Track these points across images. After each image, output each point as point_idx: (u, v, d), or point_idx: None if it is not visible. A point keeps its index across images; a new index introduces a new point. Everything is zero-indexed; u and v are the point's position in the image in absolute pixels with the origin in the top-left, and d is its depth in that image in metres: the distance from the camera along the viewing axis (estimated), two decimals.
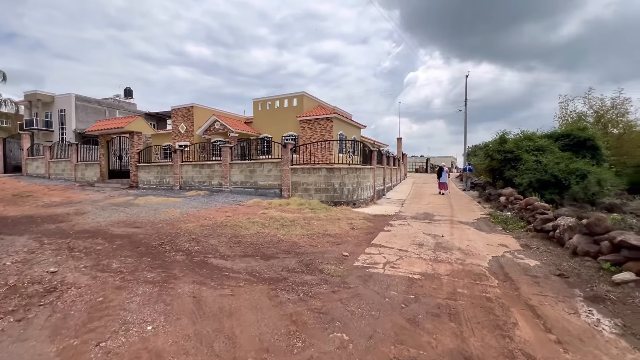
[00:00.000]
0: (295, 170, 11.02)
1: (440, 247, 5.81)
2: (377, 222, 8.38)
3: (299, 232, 6.73)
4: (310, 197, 10.71)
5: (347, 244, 5.97)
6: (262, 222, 7.49)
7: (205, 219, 7.74)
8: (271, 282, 3.95)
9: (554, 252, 5.44)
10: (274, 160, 11.49)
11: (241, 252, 5.22)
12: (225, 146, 12.36)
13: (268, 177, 11.60)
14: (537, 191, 10.88)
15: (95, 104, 33.04)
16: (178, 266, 4.47)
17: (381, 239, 6.44)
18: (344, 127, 22.07)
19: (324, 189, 10.60)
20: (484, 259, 5.13)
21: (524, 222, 7.58)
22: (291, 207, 9.38)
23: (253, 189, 11.87)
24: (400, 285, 3.94)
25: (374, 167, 12.83)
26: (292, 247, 5.64)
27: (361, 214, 9.46)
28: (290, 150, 11.15)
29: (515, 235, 6.79)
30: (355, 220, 8.36)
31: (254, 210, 9.00)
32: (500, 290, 3.82)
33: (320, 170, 10.66)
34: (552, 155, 11.15)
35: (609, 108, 15.67)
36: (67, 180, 17.44)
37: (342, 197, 10.58)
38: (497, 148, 12.85)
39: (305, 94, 21.91)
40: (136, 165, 14.76)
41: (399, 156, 25.02)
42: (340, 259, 5.02)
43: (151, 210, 8.87)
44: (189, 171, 13.38)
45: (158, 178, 14.21)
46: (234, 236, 6.22)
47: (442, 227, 7.80)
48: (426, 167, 44.23)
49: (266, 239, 6.12)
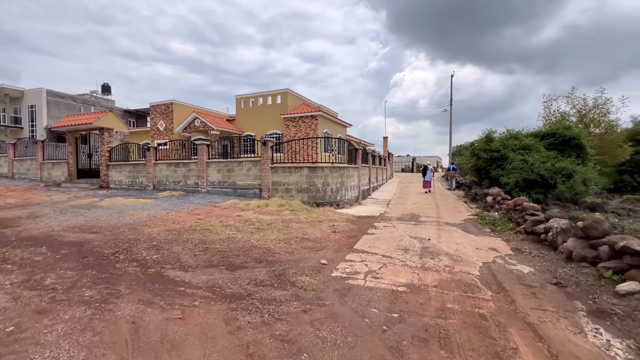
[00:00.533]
0: (276, 170, 10.43)
1: (427, 252, 5.37)
2: (361, 224, 7.90)
3: (275, 236, 6.16)
4: (291, 198, 10.14)
5: (326, 250, 5.44)
6: (236, 225, 6.88)
7: (174, 223, 7.07)
8: (233, 299, 3.38)
9: (547, 256, 5.08)
10: (254, 158, 10.86)
11: (206, 262, 4.61)
12: (202, 144, 11.63)
13: (247, 176, 10.96)
14: (523, 191, 10.67)
15: (69, 99, 31.37)
16: (127, 280, 3.84)
17: (364, 243, 5.95)
18: (330, 126, 21.58)
19: (306, 189, 10.06)
20: (474, 265, 4.70)
21: (513, 223, 7.25)
22: (270, 209, 8.78)
23: (231, 189, 11.20)
24: (383, 300, 3.44)
25: (358, 166, 12.38)
26: (265, 254, 5.07)
27: (345, 215, 8.97)
28: (270, 149, 10.55)
29: (505, 238, 6.43)
30: (338, 222, 7.86)
31: (230, 212, 8.37)
32: (495, 305, 3.37)
33: (302, 169, 10.11)
34: (538, 155, 10.97)
35: (591, 108, 15.79)
36: (33, 180, 16.26)
37: (325, 197, 10.06)
38: (483, 147, 12.63)
39: (290, 91, 21.28)
40: (107, 164, 13.80)
41: (385, 155, 24.73)
42: (318, 268, 4.48)
43: (115, 213, 8.10)
44: (164, 170, 12.57)
45: (130, 178, 13.32)
46: (202, 242, 5.60)
47: (428, 229, 7.39)
48: (412, 166, 44.33)
49: (237, 245, 5.52)
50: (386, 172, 23.16)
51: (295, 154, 16.48)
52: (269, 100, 21.75)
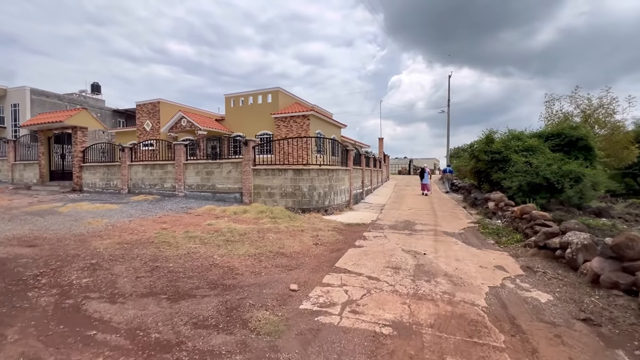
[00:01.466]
0: (258, 172, 9.53)
1: (422, 272, 4.48)
2: (349, 233, 7.01)
3: (245, 251, 5.26)
4: (275, 204, 9.24)
5: (302, 269, 4.54)
6: (203, 237, 5.96)
7: (132, 233, 6.14)
8: (154, 351, 2.47)
9: (567, 279, 4.21)
10: (234, 160, 9.96)
11: (146, 288, 3.70)
12: (179, 144, 10.71)
13: (227, 179, 10.05)
14: (527, 195, 9.83)
15: (55, 98, 30.31)
16: (27, 318, 2.92)
17: (348, 259, 5.05)
18: (323, 126, 20.70)
19: (290, 194, 9.16)
20: (479, 291, 3.82)
21: (520, 234, 6.39)
22: (248, 216, 7.87)
23: (210, 193, 10.28)
24: (360, 351, 2.54)
25: (350, 168, 11.50)
26: (225, 275, 4.16)
27: (332, 223, 8.08)
28: (253, 149, 9.65)
29: (512, 253, 5.56)
30: (323, 231, 6.96)
31: (201, 219, 7.45)
32: (512, 358, 2.49)
33: (286, 172, 9.21)
34: (543, 156, 10.14)
35: (596, 107, 15.03)
36: (4, 182, 15.24)
37: (311, 202, 9.16)
38: (484, 148, 11.80)
39: (281, 90, 20.37)
40: (80, 166, 12.83)
41: (380, 157, 23.90)
42: (284, 296, 3.58)
43: (71, 221, 7.16)
44: (139, 172, 11.62)
45: (104, 180, 12.35)
46: (153, 259, 4.69)
47: (424, 240, 6.51)
48: (409, 168, 43.55)
49: (195, 263, 4.61)
50: (382, 174, 22.32)
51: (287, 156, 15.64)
52: (260, 99, 20.85)
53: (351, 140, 27.32)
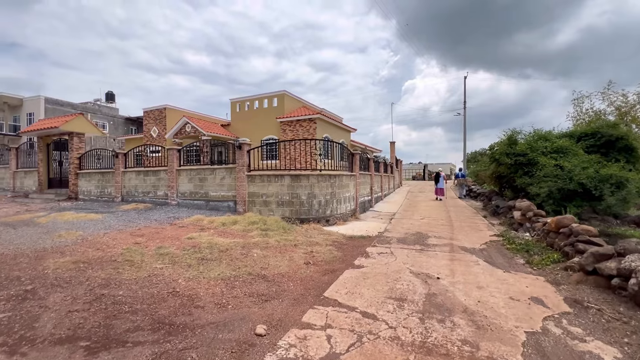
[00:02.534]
0: (253, 179, 8.71)
1: (434, 306, 3.47)
2: (350, 249, 6.04)
3: (219, 272, 4.38)
4: (270, 213, 8.37)
5: (281, 300, 3.62)
6: (175, 254, 5.14)
7: (98, 249, 5.39)
8: None
9: (634, 321, 3.10)
10: (228, 166, 9.18)
11: (70, 329, 2.86)
12: (172, 148, 10.05)
13: (221, 186, 9.27)
14: (558, 204, 8.58)
15: (68, 107, 30.80)
16: None
17: (342, 285, 4.10)
18: (330, 130, 19.81)
19: (287, 202, 8.27)
20: (513, 340, 2.78)
21: (557, 252, 5.24)
22: (236, 228, 7.02)
23: (203, 202, 9.53)
24: None
25: (355, 173, 10.53)
26: (180, 309, 3.29)
27: (332, 235, 7.13)
28: (247, 153, 8.85)
29: (551, 278, 4.44)
30: (319, 247, 6.03)
31: (184, 232, 6.64)
32: None
33: (283, 177, 8.35)
34: (576, 159, 8.87)
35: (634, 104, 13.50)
36: (6, 190, 15.09)
37: (310, 212, 8.24)
38: (506, 150, 10.58)
39: (287, 93, 19.66)
40: (76, 173, 12.41)
41: (392, 162, 22.73)
42: (245, 345, 2.67)
43: (42, 233, 6.50)
44: (132, 179, 11.04)
45: (99, 188, 11.85)
46: (103, 285, 3.87)
47: (438, 258, 5.47)
48: (423, 174, 42.00)
49: (152, 289, 3.77)
50: (393, 180, 21.17)
51: (293, 161, 14.82)
52: (265, 103, 20.20)
53: (362, 145, 26.29)
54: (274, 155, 19.45)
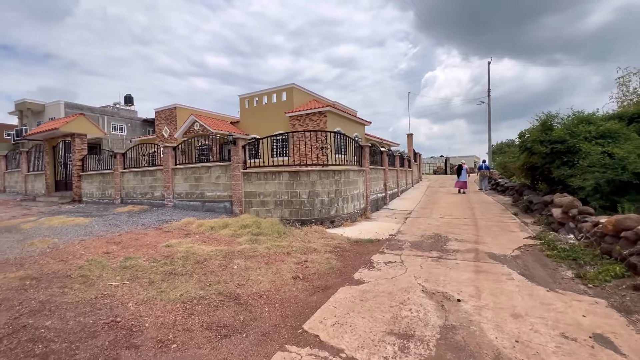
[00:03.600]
0: (249, 176, 7.90)
1: (452, 349, 2.47)
2: (351, 258, 5.08)
3: (182, 292, 3.57)
4: (268, 214, 7.54)
5: (246, 334, 2.75)
6: (141, 266, 4.38)
7: (62, 260, 4.75)
8: None
9: None
10: (223, 163, 8.41)
11: None
12: (167, 146, 9.42)
13: (216, 185, 8.54)
14: (607, 198, 7.20)
15: (87, 110, 31.48)
16: None
17: (331, 311, 3.16)
18: (343, 123, 18.75)
19: (286, 202, 7.40)
20: None
21: (618, 263, 4.03)
22: (224, 233, 6.22)
23: (199, 202, 8.84)
24: None
25: (365, 168, 9.50)
26: (107, 351, 2.48)
27: (335, 239, 6.20)
28: (242, 148, 8.05)
29: (616, 301, 3.29)
30: (317, 254, 5.11)
31: (163, 239, 5.92)
32: None
33: (281, 175, 7.48)
34: (629, 144, 7.40)
35: None
36: (19, 193, 15.20)
37: (312, 212, 7.33)
38: (539, 137, 9.16)
39: (295, 86, 18.75)
40: (78, 175, 12.15)
41: (410, 155, 21.33)
42: None
43: (17, 241, 6.00)
44: (131, 180, 10.56)
45: (100, 190, 11.50)
46: (36, 310, 3.15)
47: (459, 269, 4.41)
48: (445, 167, 39.94)
49: (89, 318, 3.00)
50: (411, 175, 19.84)
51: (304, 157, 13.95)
52: (274, 98, 19.41)
53: (377, 139, 25.00)
54: (285, 152, 18.67)
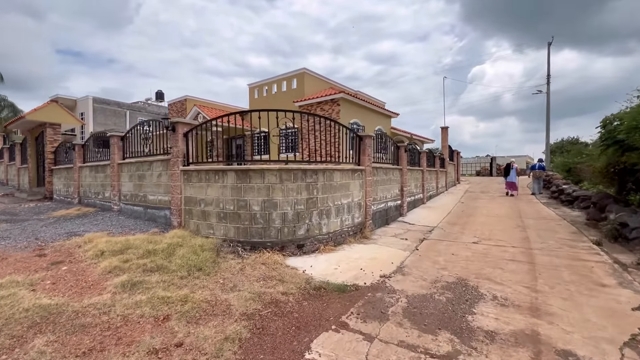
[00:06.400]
0: (190, 176, 5.64)
1: None
2: (278, 338, 2.55)
3: None
4: (210, 231, 5.24)
5: None
6: None
7: None
8: None
9: None
10: (165, 157, 6.26)
11: None
12: (114, 135, 7.52)
13: (158, 187, 6.43)
14: None
15: (115, 106, 31.91)
16: None
17: None
18: (361, 114, 15.91)
19: (232, 215, 5.03)
20: None
21: None
22: (103, 266, 3.97)
23: (142, 208, 6.82)
24: None
25: (364, 167, 6.83)
26: None
27: (285, 281, 3.73)
28: (183, 137, 5.82)
29: None
30: (219, 323, 2.67)
31: (14, 268, 3.84)
32: None
33: (225, 174, 5.12)
34: None
35: None
36: (12, 187, 14.60)
37: (268, 232, 4.89)
38: None
39: (307, 72, 16.26)
40: (50, 169, 10.88)
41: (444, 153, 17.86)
42: None
43: None
44: (87, 177, 8.90)
45: (66, 186, 10.08)
46: None
47: None
48: (490, 168, 35.00)
49: None
50: (444, 177, 16.47)
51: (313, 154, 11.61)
52: (284, 86, 17.13)
53: (406, 134, 21.69)
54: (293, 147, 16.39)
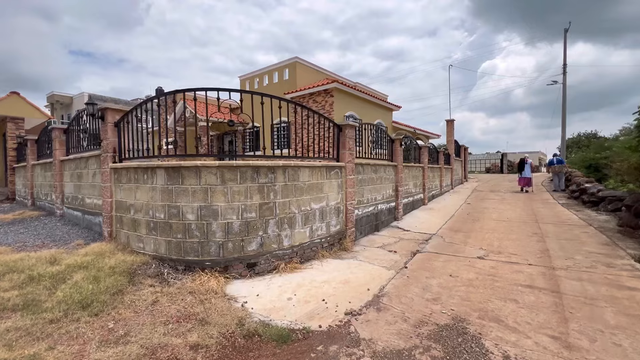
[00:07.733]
0: (120, 175, 4.54)
1: None
2: None
3: None
4: (140, 245, 4.13)
5: None
6: None
7: None
8: None
9: None
10: (96, 152, 5.18)
11: None
12: (56, 128, 6.50)
13: (93, 188, 5.37)
14: None
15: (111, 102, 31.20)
16: None
17: None
18: (357, 106, 14.63)
19: (163, 225, 3.91)
20: None
21: None
22: None
23: (80, 213, 5.78)
24: None
25: (344, 164, 5.63)
26: None
27: (210, 323, 2.57)
28: (114, 127, 4.71)
29: None
30: None
31: None
32: None
33: (154, 173, 4.00)
34: None
35: None
36: None
37: (207, 247, 3.76)
38: None
39: (299, 61, 15.03)
40: (12, 168, 9.98)
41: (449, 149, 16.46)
42: None
43: None
44: (39, 176, 7.94)
45: (24, 186, 9.15)
46: None
47: None
48: (501, 165, 33.27)
49: None
50: (450, 174, 15.10)
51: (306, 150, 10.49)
52: (275, 77, 15.96)
53: (409, 128, 20.32)
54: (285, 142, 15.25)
